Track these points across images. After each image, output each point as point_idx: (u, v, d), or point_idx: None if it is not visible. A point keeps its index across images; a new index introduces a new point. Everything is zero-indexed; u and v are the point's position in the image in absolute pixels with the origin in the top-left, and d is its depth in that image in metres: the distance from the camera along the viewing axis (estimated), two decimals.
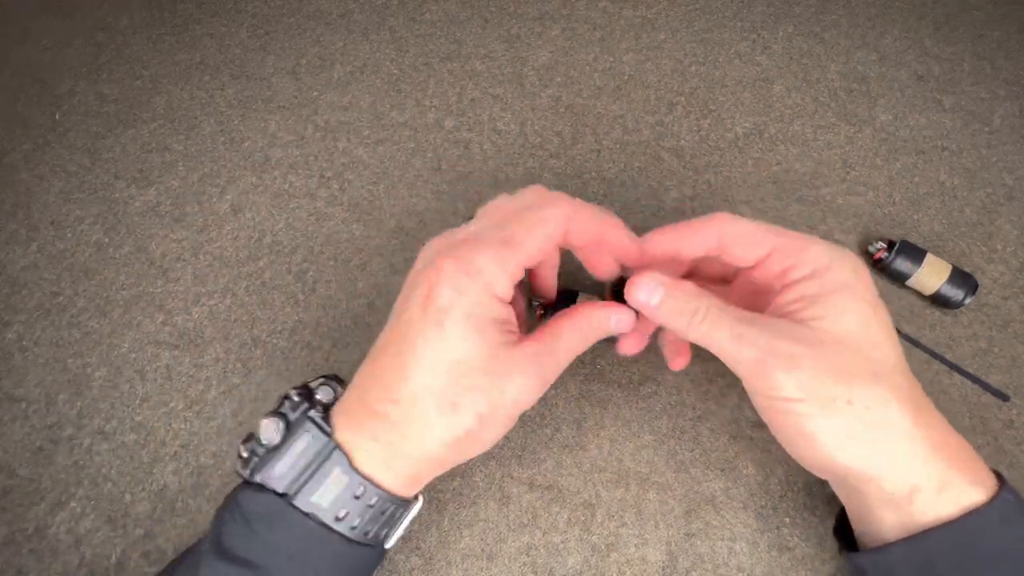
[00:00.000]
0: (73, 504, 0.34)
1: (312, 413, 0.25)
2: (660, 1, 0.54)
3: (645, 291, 0.26)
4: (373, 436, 0.25)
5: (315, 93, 0.50)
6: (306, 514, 0.24)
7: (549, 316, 0.28)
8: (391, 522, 0.27)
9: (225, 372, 0.38)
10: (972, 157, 0.45)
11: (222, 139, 0.48)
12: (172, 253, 0.42)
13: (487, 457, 0.34)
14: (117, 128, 0.49)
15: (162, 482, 0.34)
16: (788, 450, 0.26)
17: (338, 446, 0.24)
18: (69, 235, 0.43)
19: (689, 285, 0.26)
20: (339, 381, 0.28)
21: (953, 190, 0.44)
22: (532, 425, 0.35)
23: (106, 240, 0.43)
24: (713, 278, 0.32)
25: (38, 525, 0.33)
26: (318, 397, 0.27)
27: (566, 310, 0.28)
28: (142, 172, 0.46)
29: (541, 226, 0.25)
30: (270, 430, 0.25)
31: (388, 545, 0.27)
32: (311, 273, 0.41)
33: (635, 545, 0.32)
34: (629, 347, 0.30)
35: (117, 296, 0.41)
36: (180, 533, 0.33)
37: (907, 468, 0.23)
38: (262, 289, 0.41)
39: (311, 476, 0.24)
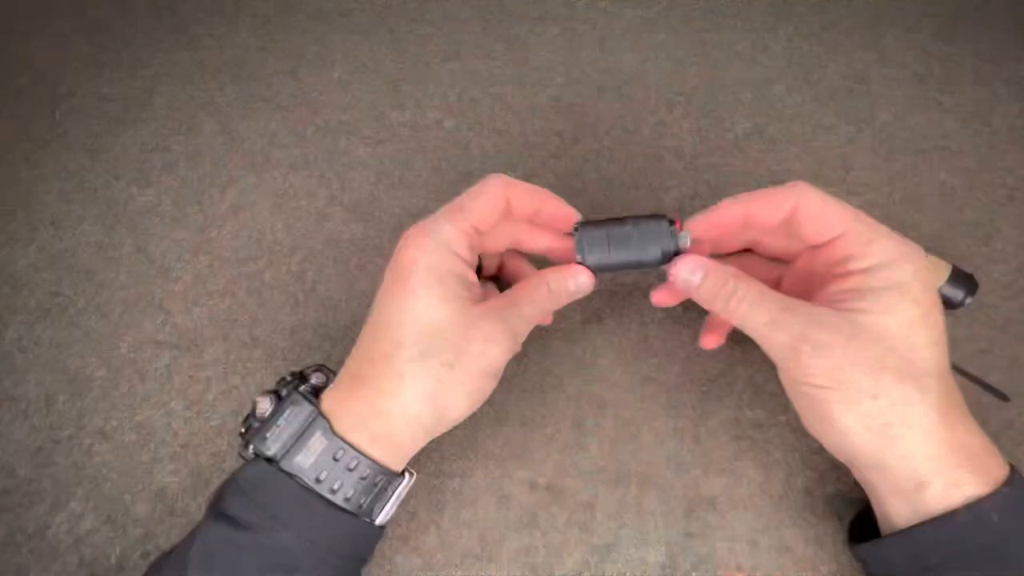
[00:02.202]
0: (73, 504, 0.34)
1: (302, 388, 0.28)
2: (660, 1, 0.54)
3: (687, 270, 0.27)
4: (352, 397, 0.27)
5: (315, 93, 0.50)
6: (291, 476, 0.26)
7: None
8: (378, 495, 0.27)
9: (225, 372, 0.38)
10: (972, 157, 0.45)
11: (222, 139, 0.48)
12: (172, 253, 0.42)
13: (487, 457, 0.34)
14: (117, 128, 0.49)
15: (162, 482, 0.34)
16: (811, 432, 0.27)
17: (321, 413, 0.27)
18: (69, 235, 0.43)
19: (731, 268, 0.27)
20: (333, 373, 0.30)
21: (953, 190, 0.43)
22: (532, 425, 0.35)
23: (106, 240, 0.43)
24: (775, 255, 0.32)
25: (38, 525, 0.33)
26: (312, 381, 0.29)
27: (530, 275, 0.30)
28: (142, 172, 0.46)
29: (483, 194, 0.29)
30: (264, 404, 0.28)
31: (379, 520, 0.28)
32: (311, 273, 0.41)
33: (635, 545, 0.32)
34: (661, 299, 0.32)
35: (117, 296, 0.41)
36: (180, 533, 0.33)
37: (918, 464, 0.24)
38: (262, 289, 0.41)
39: (296, 441, 0.26)
